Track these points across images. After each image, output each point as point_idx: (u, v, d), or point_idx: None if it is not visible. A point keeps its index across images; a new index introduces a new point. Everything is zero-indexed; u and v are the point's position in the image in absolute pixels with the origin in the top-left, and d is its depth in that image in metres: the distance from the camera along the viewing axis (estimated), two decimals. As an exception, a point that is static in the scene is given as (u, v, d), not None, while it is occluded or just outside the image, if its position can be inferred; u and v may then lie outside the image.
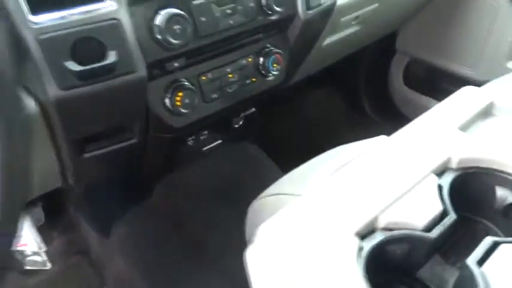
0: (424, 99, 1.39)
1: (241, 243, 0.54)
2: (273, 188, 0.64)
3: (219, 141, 0.87)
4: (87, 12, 0.50)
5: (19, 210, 0.47)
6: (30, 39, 0.47)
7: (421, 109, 1.55)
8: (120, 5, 0.52)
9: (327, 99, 1.56)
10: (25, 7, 0.47)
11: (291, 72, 0.83)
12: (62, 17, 0.49)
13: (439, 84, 1.39)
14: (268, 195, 0.63)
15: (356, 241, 0.39)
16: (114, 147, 0.65)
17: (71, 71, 0.49)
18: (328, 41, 0.93)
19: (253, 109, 0.82)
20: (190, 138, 0.80)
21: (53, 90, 0.50)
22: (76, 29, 0.49)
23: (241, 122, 0.85)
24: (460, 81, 1.32)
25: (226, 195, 1.00)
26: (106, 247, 0.97)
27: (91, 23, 0.50)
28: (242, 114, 0.82)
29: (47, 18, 0.48)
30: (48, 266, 0.99)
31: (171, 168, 0.91)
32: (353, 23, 0.97)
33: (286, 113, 1.43)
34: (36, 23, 0.47)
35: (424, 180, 0.45)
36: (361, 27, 1.02)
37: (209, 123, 0.75)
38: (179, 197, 1.00)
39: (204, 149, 0.85)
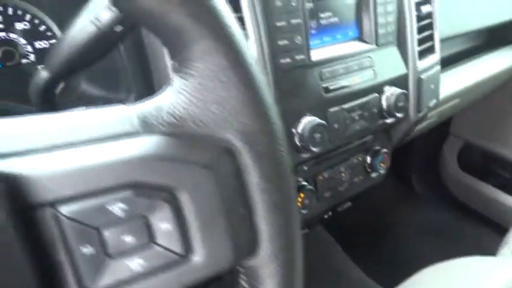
0: (478, 183, 1.39)
1: None
2: None
3: (307, 230, 0.85)
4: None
5: None
6: None
7: (475, 192, 1.51)
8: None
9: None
10: None
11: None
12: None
13: (494, 169, 1.39)
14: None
15: None
16: None
17: None
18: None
19: (350, 203, 0.81)
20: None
21: None
22: None
23: (330, 213, 0.84)
24: (517, 169, 1.32)
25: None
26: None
27: None
28: (339, 209, 0.81)
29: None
30: None
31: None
32: (434, 116, 0.99)
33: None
34: None
35: None
36: (437, 118, 1.04)
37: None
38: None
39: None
